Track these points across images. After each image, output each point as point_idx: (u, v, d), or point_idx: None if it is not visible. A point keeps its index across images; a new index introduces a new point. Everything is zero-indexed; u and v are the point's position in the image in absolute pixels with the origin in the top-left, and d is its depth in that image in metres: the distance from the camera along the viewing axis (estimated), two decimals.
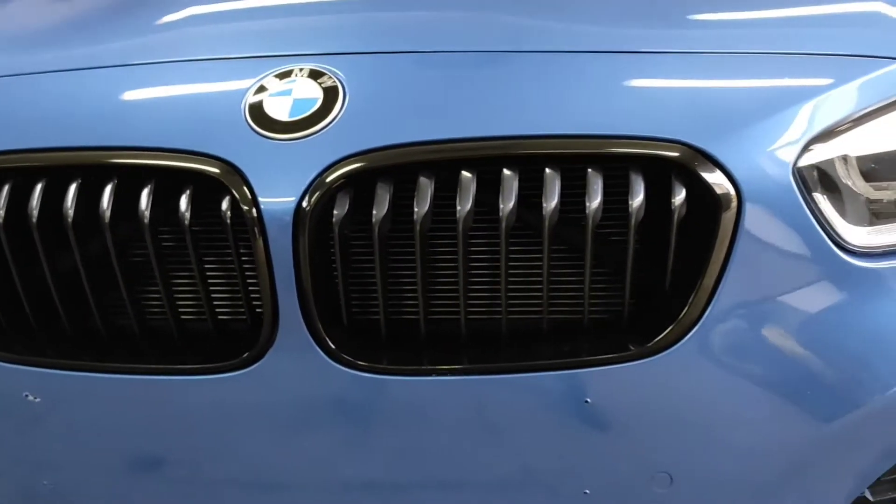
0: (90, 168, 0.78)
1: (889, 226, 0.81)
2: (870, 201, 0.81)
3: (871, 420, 0.79)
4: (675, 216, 0.73)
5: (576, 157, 0.74)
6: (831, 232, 0.78)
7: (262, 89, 0.80)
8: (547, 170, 0.73)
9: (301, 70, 0.81)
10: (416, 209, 0.73)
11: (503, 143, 0.74)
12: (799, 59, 0.80)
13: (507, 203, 0.72)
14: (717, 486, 0.81)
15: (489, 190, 0.74)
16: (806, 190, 0.77)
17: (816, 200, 0.77)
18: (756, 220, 0.75)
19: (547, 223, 0.72)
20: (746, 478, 0.80)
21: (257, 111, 0.78)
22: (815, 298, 0.78)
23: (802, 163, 0.77)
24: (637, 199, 0.73)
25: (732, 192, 0.74)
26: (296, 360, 0.77)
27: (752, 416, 0.78)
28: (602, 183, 0.73)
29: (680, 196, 0.73)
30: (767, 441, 0.79)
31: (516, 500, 0.82)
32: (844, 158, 0.79)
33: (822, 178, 0.79)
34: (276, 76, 0.81)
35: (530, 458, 0.80)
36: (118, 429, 0.84)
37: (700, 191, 0.74)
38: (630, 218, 0.73)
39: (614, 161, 0.75)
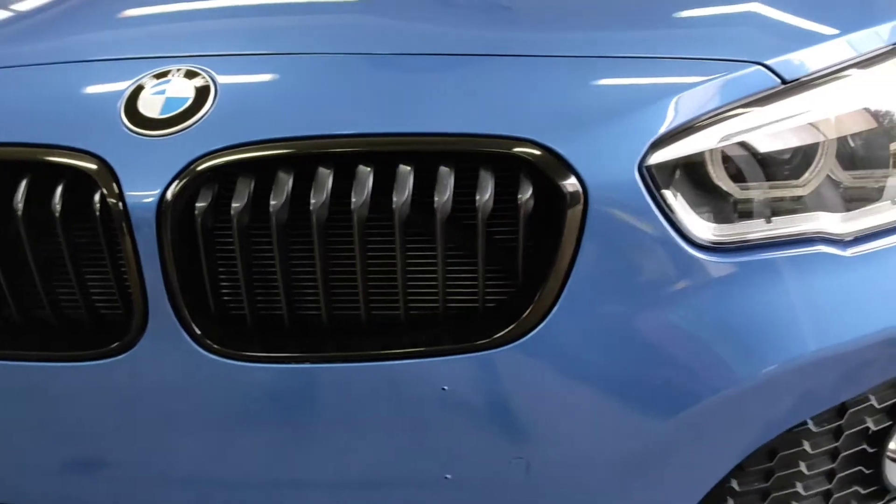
0: None
1: (746, 223, 0.84)
2: (723, 198, 0.85)
3: (719, 410, 0.82)
4: (521, 212, 0.76)
5: (427, 155, 0.77)
6: (681, 228, 0.81)
7: (139, 88, 0.83)
8: (400, 166, 0.76)
9: (178, 70, 0.84)
10: (272, 202, 0.76)
11: (356, 141, 0.77)
12: (651, 63, 0.83)
13: (360, 197, 0.76)
14: (574, 472, 0.84)
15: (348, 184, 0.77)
16: (655, 187, 0.79)
17: (665, 197, 0.80)
18: (603, 217, 0.78)
19: (397, 217, 0.76)
20: (602, 464, 0.83)
21: (132, 109, 0.81)
22: (662, 292, 0.80)
23: (651, 161, 0.80)
24: (484, 196, 0.76)
25: (579, 189, 0.77)
26: (165, 348, 0.81)
27: (602, 405, 0.81)
28: (453, 179, 0.76)
29: (526, 193, 0.76)
30: (619, 429, 0.82)
31: (379, 484, 0.85)
32: (694, 157, 0.82)
33: (673, 176, 0.82)
34: (154, 76, 0.84)
35: (393, 444, 0.83)
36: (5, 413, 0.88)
37: (549, 188, 0.77)
38: (477, 213, 0.76)
39: (467, 158, 0.78)
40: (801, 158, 0.88)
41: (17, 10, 1.06)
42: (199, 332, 0.80)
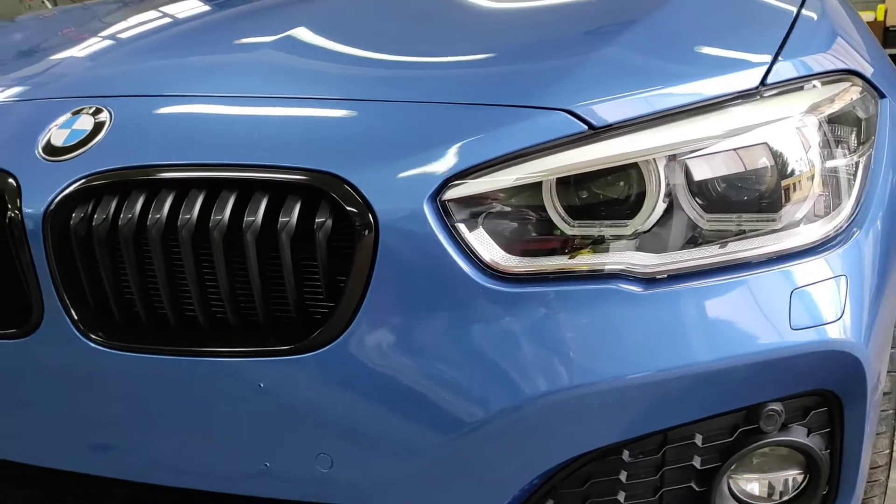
0: None
1: (539, 259, 0.90)
2: (526, 233, 0.92)
3: (495, 430, 0.88)
4: (318, 234, 0.88)
5: (250, 183, 0.91)
6: (475, 257, 0.89)
7: (63, 121, 1.03)
8: (224, 191, 0.90)
9: (90, 109, 1.03)
10: (123, 217, 0.92)
11: (188, 169, 0.92)
12: (459, 108, 0.93)
13: (187, 215, 0.90)
14: (373, 470, 0.93)
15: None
16: (448, 219, 0.88)
17: (458, 229, 0.89)
18: (395, 243, 0.87)
19: (215, 235, 0.89)
20: (396, 465, 0.92)
21: (47, 139, 1.01)
22: (447, 314, 0.89)
23: (447, 196, 0.88)
24: (287, 218, 0.88)
25: (369, 216, 0.87)
26: (57, 333, 0.98)
27: (392, 413, 0.90)
28: (265, 203, 0.89)
29: (323, 218, 0.88)
30: (407, 436, 0.90)
31: (206, 464, 0.98)
32: (486, 195, 0.90)
33: (475, 209, 0.90)
34: (73, 112, 1.03)
35: (223, 429, 0.96)
36: None
37: (345, 217, 0.88)
38: (280, 234, 0.88)
39: (277, 186, 0.90)
40: (622, 200, 0.93)
41: None
42: (77, 322, 0.97)
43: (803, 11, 1.15)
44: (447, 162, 0.89)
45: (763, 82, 0.98)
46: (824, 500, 1.02)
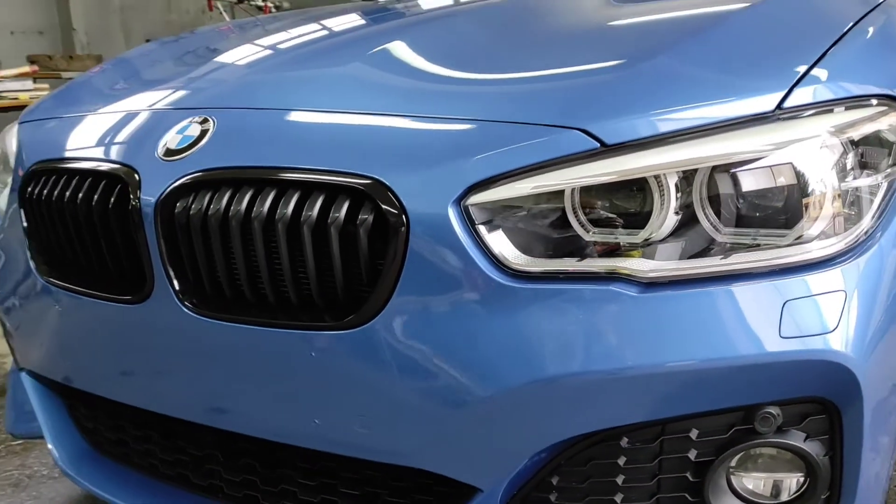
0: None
1: (550, 261, 1.02)
2: (542, 237, 1.04)
3: (504, 405, 1.01)
4: (360, 230, 1.04)
5: (310, 184, 1.09)
6: (493, 256, 1.02)
7: (179, 128, 1.25)
8: (289, 189, 1.09)
9: (200, 118, 1.25)
10: (201, 208, 1.13)
11: (265, 171, 1.11)
12: (486, 125, 1.06)
13: (260, 209, 1.09)
14: (400, 432, 1.08)
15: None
16: (470, 223, 1.02)
17: (479, 231, 1.02)
18: (422, 241, 1.03)
19: (279, 227, 1.08)
20: (420, 428, 1.06)
21: (165, 142, 1.24)
22: (466, 303, 1.02)
23: (470, 201, 1.02)
24: (338, 215, 1.05)
25: (404, 219, 1.03)
26: (163, 301, 1.21)
27: (417, 385, 1.05)
28: (320, 202, 1.07)
29: (366, 216, 1.04)
30: (429, 403, 1.04)
31: (270, 417, 1.17)
32: (506, 202, 1.02)
33: (497, 214, 1.03)
34: (189, 120, 1.26)
35: (281, 389, 1.15)
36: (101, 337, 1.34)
37: (383, 215, 1.04)
38: (329, 227, 1.05)
39: (331, 188, 1.07)
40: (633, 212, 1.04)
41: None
42: (178, 293, 1.19)
43: (850, 33, 1.19)
44: (471, 172, 1.03)
45: (780, 106, 1.04)
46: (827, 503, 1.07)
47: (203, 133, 1.22)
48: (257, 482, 1.30)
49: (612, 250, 1.03)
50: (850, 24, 1.21)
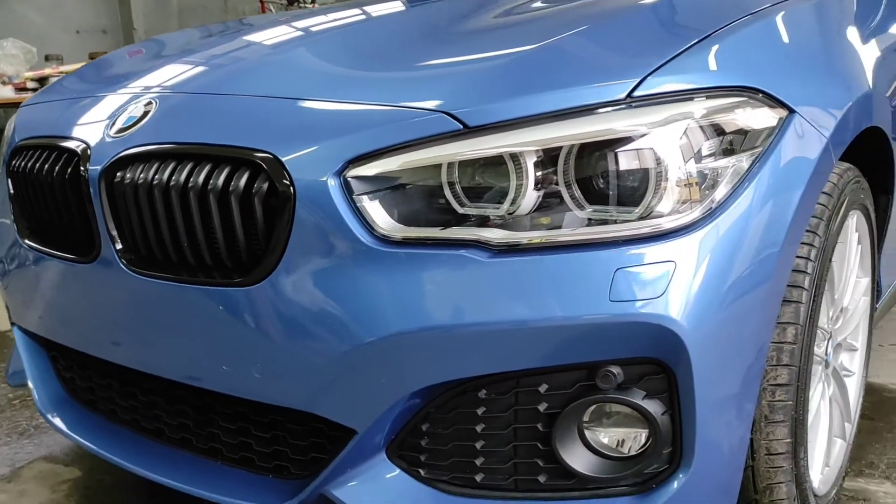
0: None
1: (417, 228, 1.15)
2: (415, 207, 1.17)
3: (369, 354, 1.14)
4: (256, 198, 1.19)
5: (218, 158, 1.24)
6: (368, 223, 1.15)
7: (128, 109, 1.43)
8: (190, 163, 1.24)
9: (147, 101, 1.42)
10: (133, 179, 1.29)
11: (185, 147, 1.27)
12: (363, 107, 1.20)
13: (179, 178, 1.25)
14: (291, 378, 1.22)
15: None
16: (349, 192, 1.16)
17: (355, 200, 1.16)
18: (306, 208, 1.16)
19: (172, 193, 1.23)
20: (306, 373, 1.20)
21: (115, 121, 1.41)
22: (345, 264, 1.16)
23: (349, 174, 1.16)
24: (238, 184, 1.20)
25: (291, 189, 1.17)
26: (108, 261, 1.38)
27: (302, 333, 1.19)
28: (206, 172, 1.22)
29: (261, 185, 1.19)
30: (313, 350, 1.18)
31: (188, 362, 1.33)
32: (381, 175, 1.15)
33: (375, 185, 1.16)
34: (133, 102, 1.43)
35: (198, 338, 1.30)
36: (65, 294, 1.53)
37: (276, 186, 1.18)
38: (230, 196, 1.20)
39: (238, 161, 1.22)
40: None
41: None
42: (118, 252, 1.36)
43: (725, 29, 1.28)
44: (349, 148, 1.16)
45: (630, 94, 1.14)
46: (670, 459, 1.17)
47: (145, 114, 1.38)
48: (191, 426, 1.46)
49: (470, 221, 1.15)
50: (728, 21, 1.30)
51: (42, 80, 4.92)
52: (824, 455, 1.55)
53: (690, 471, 1.16)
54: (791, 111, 1.24)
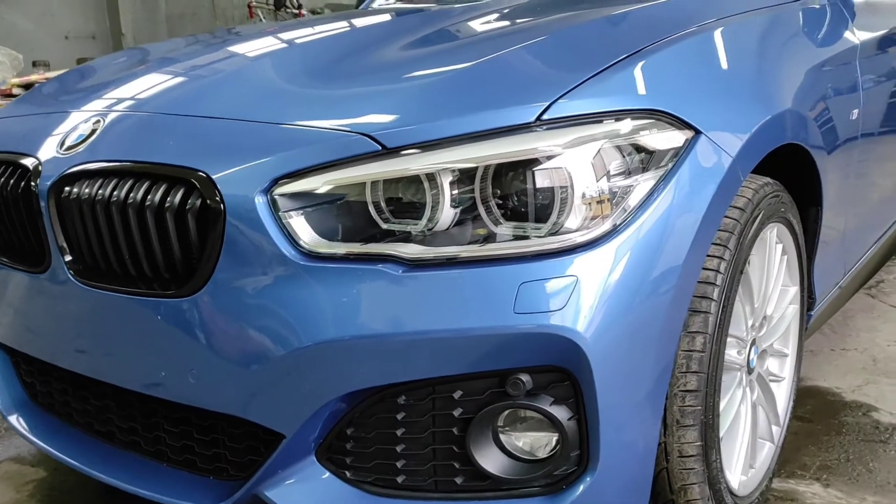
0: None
1: (338, 244, 1.22)
2: (340, 222, 1.24)
3: (295, 361, 1.21)
4: (189, 214, 1.26)
5: (156, 176, 1.31)
6: (293, 239, 1.22)
7: (79, 127, 1.50)
8: (142, 179, 1.32)
9: (96, 119, 1.49)
10: (78, 194, 1.36)
11: (128, 165, 1.34)
12: (290, 128, 1.27)
13: (120, 195, 1.32)
14: (224, 383, 1.29)
15: None
16: (275, 209, 1.23)
17: (282, 217, 1.23)
18: (236, 224, 1.23)
19: (113, 209, 1.31)
20: (240, 378, 1.27)
21: (66, 138, 1.48)
22: (272, 276, 1.23)
23: (276, 192, 1.23)
24: (174, 200, 1.27)
25: (222, 206, 1.24)
26: (57, 271, 1.45)
27: (231, 345, 1.26)
28: (164, 190, 1.29)
29: (195, 202, 1.26)
30: (246, 357, 1.25)
31: (131, 368, 1.40)
32: (306, 192, 1.22)
33: (300, 203, 1.23)
34: (84, 121, 1.50)
35: (139, 346, 1.37)
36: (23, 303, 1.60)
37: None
38: (164, 212, 1.27)
39: (174, 179, 1.29)
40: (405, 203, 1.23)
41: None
42: (67, 263, 1.43)
43: (641, 53, 1.35)
44: (277, 167, 1.23)
45: (539, 118, 1.22)
46: (578, 461, 1.24)
47: (92, 132, 1.46)
48: (139, 429, 1.53)
49: (390, 236, 1.22)
50: (641, 46, 1.37)
51: (28, 87, 5.00)
52: (747, 457, 1.62)
53: (597, 473, 1.23)
54: (698, 132, 1.31)
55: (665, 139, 1.27)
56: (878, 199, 2.35)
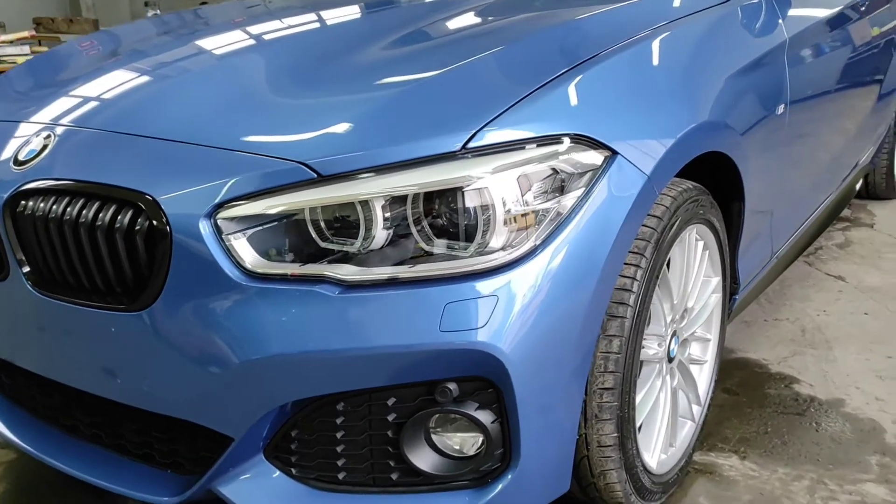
0: None
1: (287, 263, 1.31)
2: (281, 244, 1.33)
3: (239, 374, 1.31)
4: (137, 235, 1.34)
5: (105, 197, 1.39)
6: (236, 260, 1.31)
7: (28, 141, 1.56)
8: (92, 199, 1.39)
9: (45, 133, 1.55)
10: (33, 211, 1.43)
11: (78, 185, 1.41)
12: (237, 155, 1.35)
13: (72, 213, 1.40)
14: (170, 391, 1.40)
15: None
16: (218, 232, 1.31)
17: (224, 239, 1.31)
18: (182, 245, 1.32)
19: (65, 228, 1.39)
20: (195, 386, 1.37)
21: (17, 152, 1.55)
22: (215, 295, 1.32)
23: (219, 216, 1.31)
24: (123, 221, 1.35)
25: (168, 228, 1.32)
26: (16, 281, 1.53)
27: (177, 357, 1.36)
28: (113, 210, 1.37)
29: (143, 223, 1.34)
30: (193, 368, 1.35)
31: (88, 375, 1.49)
32: (249, 216, 1.31)
33: (242, 226, 1.32)
34: (35, 134, 1.56)
35: (97, 355, 1.46)
36: None
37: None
38: (114, 233, 1.35)
39: (122, 201, 1.37)
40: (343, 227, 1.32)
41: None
42: (25, 275, 1.51)
43: (561, 77, 1.44)
44: (219, 193, 1.31)
45: (465, 146, 1.30)
46: (502, 458, 1.37)
47: (44, 147, 1.52)
48: (100, 423, 1.64)
49: (325, 258, 1.31)
50: (563, 69, 1.45)
51: None
52: (666, 438, 1.76)
53: (518, 467, 1.36)
54: (614, 153, 1.40)
55: (583, 161, 1.37)
56: (809, 183, 2.48)
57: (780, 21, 2.13)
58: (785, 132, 2.10)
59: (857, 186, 3.39)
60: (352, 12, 2.20)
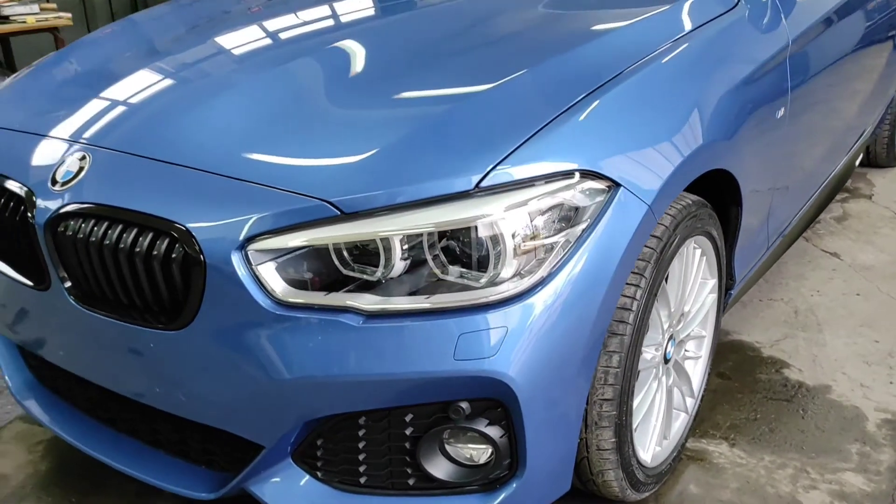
0: None
1: (305, 293, 1.42)
2: (303, 273, 1.43)
3: (269, 391, 1.44)
4: (174, 263, 1.45)
5: (143, 225, 1.49)
6: (266, 289, 1.42)
7: (65, 160, 1.65)
8: (131, 226, 1.49)
9: (80, 154, 1.64)
10: (74, 233, 1.54)
11: (118, 211, 1.51)
12: (262, 188, 1.44)
13: (111, 238, 1.50)
14: (213, 405, 1.52)
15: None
16: (249, 263, 1.42)
17: (255, 269, 1.42)
18: (216, 274, 1.43)
19: (105, 252, 1.49)
20: (228, 399, 1.50)
21: (55, 171, 1.64)
22: (246, 321, 1.43)
23: (249, 248, 1.42)
24: (161, 249, 1.45)
25: (202, 258, 1.43)
26: (58, 292, 1.64)
27: (212, 373, 1.48)
28: (150, 238, 1.47)
29: (179, 252, 1.44)
30: (232, 382, 1.47)
31: (130, 383, 1.62)
32: (277, 249, 1.41)
33: (272, 257, 1.42)
34: (70, 153, 1.65)
35: (137, 367, 1.59)
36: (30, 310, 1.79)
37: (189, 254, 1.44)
38: (152, 259, 1.46)
39: (159, 230, 1.47)
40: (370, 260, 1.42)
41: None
42: (67, 288, 1.62)
43: (565, 114, 1.52)
44: (251, 227, 1.41)
45: (478, 185, 1.40)
46: (509, 467, 1.50)
47: (80, 170, 1.61)
48: (137, 418, 1.77)
49: (367, 283, 1.42)
50: (566, 105, 1.53)
51: None
52: (661, 432, 1.90)
53: (524, 475, 1.50)
54: (617, 185, 1.49)
55: (589, 195, 1.46)
56: (806, 175, 2.56)
57: (783, 21, 2.18)
58: (784, 132, 2.17)
59: (857, 161, 3.46)
60: (374, 36, 2.25)
